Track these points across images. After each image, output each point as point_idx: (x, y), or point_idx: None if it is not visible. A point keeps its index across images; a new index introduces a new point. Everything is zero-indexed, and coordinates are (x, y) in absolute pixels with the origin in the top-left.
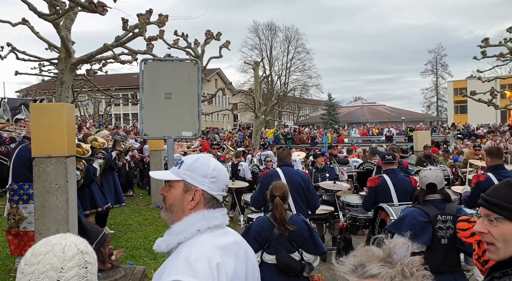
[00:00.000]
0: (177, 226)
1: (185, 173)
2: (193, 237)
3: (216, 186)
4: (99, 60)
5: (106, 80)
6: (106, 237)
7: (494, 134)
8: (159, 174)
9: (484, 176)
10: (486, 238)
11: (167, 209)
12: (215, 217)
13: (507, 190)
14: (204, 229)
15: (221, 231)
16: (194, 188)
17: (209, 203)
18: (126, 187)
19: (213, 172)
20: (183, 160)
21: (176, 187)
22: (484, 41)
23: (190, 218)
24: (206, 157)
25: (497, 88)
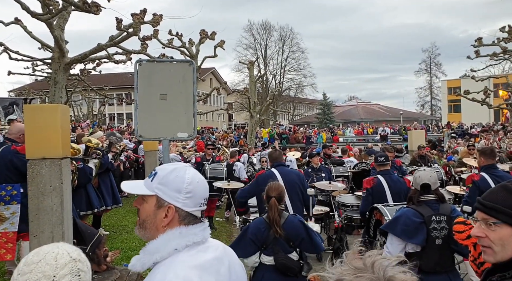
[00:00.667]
0: (152, 244)
1: (157, 187)
2: (170, 256)
3: (191, 202)
4: (93, 60)
5: (100, 80)
6: (101, 238)
7: (487, 133)
8: (130, 186)
9: (478, 176)
10: (483, 242)
11: (140, 225)
12: (194, 234)
13: (504, 194)
14: (182, 247)
15: (201, 247)
16: (167, 204)
17: (184, 220)
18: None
19: (188, 187)
20: (157, 171)
21: (149, 201)
22: (478, 40)
23: (166, 236)
24: (181, 168)
25: (491, 87)
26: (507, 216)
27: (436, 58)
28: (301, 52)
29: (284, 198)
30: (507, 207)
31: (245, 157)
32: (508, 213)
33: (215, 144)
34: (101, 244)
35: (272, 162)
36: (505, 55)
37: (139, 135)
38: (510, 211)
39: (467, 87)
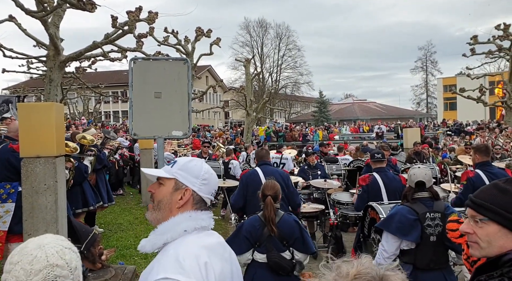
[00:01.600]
0: (163, 226)
1: (177, 172)
2: (180, 237)
3: (206, 188)
4: (88, 58)
5: (96, 78)
6: (96, 237)
7: (483, 130)
8: (151, 171)
9: (473, 173)
10: (471, 238)
11: (154, 206)
12: (202, 219)
13: (494, 192)
14: (191, 230)
15: (206, 232)
16: (184, 187)
17: (197, 204)
18: (116, 186)
19: (205, 175)
20: (177, 160)
21: (167, 184)
22: (473, 38)
23: (177, 218)
24: (199, 160)
25: (486, 85)
26: (494, 214)
27: (432, 56)
28: (298, 50)
29: (280, 197)
30: (495, 205)
31: (243, 155)
32: (495, 211)
33: (211, 142)
34: (96, 243)
35: (258, 161)
36: (500, 53)
37: (134, 133)
38: (498, 209)
39: (462, 85)
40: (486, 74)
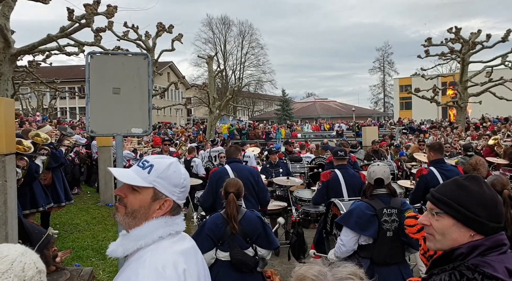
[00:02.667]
0: (137, 231)
1: (156, 181)
2: (154, 243)
3: (183, 195)
4: (42, 52)
5: (51, 72)
6: (50, 238)
7: (435, 129)
8: (123, 175)
9: (427, 170)
10: (427, 230)
11: (128, 214)
12: (176, 224)
13: (452, 187)
14: (166, 235)
15: (179, 236)
16: (164, 197)
17: (174, 211)
18: (72, 185)
19: (184, 182)
20: (153, 164)
21: (144, 193)
22: (427, 40)
23: (152, 224)
24: (176, 163)
25: (439, 86)
26: (449, 208)
27: (389, 56)
28: (261, 48)
29: (242, 194)
30: (451, 199)
31: (202, 153)
32: (451, 205)
33: (172, 140)
34: (50, 244)
35: (227, 158)
36: (452, 55)
37: (91, 130)
38: (453, 204)
39: (417, 85)
40: (439, 75)
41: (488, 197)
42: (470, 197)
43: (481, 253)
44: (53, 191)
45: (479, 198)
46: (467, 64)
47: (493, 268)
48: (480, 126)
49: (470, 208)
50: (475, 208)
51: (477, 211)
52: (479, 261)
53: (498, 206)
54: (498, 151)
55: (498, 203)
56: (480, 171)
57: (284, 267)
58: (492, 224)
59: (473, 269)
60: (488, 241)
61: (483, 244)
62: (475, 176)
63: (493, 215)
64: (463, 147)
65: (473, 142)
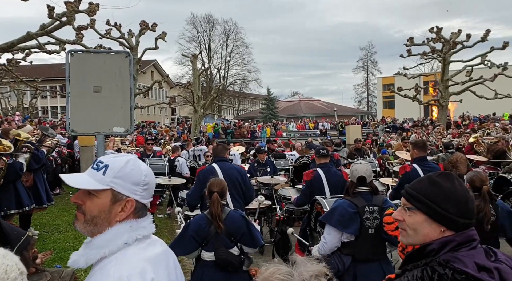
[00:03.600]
0: (100, 239)
1: (113, 181)
2: (119, 250)
3: (148, 193)
4: (22, 49)
5: (32, 71)
6: (30, 239)
7: (418, 127)
8: (75, 180)
9: (410, 167)
10: (401, 225)
11: (87, 221)
12: (143, 227)
13: (425, 184)
14: (132, 241)
15: (149, 241)
16: (125, 198)
17: (139, 212)
18: (53, 185)
19: (146, 179)
20: (107, 163)
21: (102, 197)
22: (409, 40)
23: (116, 230)
24: (135, 160)
25: (421, 85)
26: (421, 204)
27: (372, 56)
28: (245, 47)
29: (226, 193)
30: (423, 195)
31: (184, 153)
32: (422, 201)
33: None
34: (29, 246)
35: (215, 157)
36: (433, 54)
37: (71, 129)
38: (425, 200)
39: (400, 84)
40: (421, 74)
41: (459, 194)
42: (441, 194)
43: (452, 248)
44: (35, 192)
45: (450, 195)
46: (448, 64)
47: (464, 264)
48: (461, 124)
49: (441, 204)
50: (446, 205)
51: (447, 208)
52: (450, 256)
53: (468, 203)
54: (477, 149)
55: (469, 200)
56: (460, 169)
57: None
58: (462, 220)
59: (444, 264)
60: (459, 236)
61: (454, 240)
62: (448, 173)
63: (463, 212)
64: (444, 145)
65: (454, 140)
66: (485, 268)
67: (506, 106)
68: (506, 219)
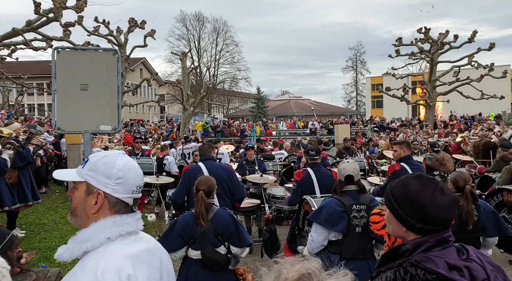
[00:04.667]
0: (83, 233)
1: (87, 173)
2: (102, 245)
3: (122, 188)
4: (7, 46)
5: (18, 67)
6: (14, 239)
7: (405, 127)
8: (62, 174)
9: (399, 166)
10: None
11: (71, 212)
12: (128, 223)
13: (399, 183)
14: (115, 236)
15: (134, 237)
16: (96, 190)
17: (115, 207)
18: (38, 184)
19: (119, 173)
20: (89, 158)
21: (79, 188)
22: (398, 40)
23: (99, 224)
24: (114, 155)
25: (409, 85)
26: (388, 201)
27: (361, 56)
28: (235, 46)
29: (214, 192)
30: (391, 193)
31: (173, 152)
32: (389, 198)
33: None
34: (14, 245)
35: (201, 156)
36: (421, 54)
37: (58, 127)
38: (391, 198)
39: (388, 84)
40: (409, 74)
41: (420, 198)
42: (405, 195)
43: (425, 249)
44: (19, 190)
45: (411, 197)
46: (435, 64)
47: (435, 263)
48: (448, 124)
49: (400, 205)
50: (404, 206)
51: (405, 209)
52: (422, 257)
53: (427, 209)
54: (464, 148)
55: (429, 206)
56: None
57: (257, 264)
58: (418, 224)
59: (416, 265)
60: (432, 238)
61: (427, 241)
62: (422, 176)
63: (420, 217)
64: (429, 144)
65: (440, 139)
66: (455, 267)
67: (492, 106)
68: (488, 220)
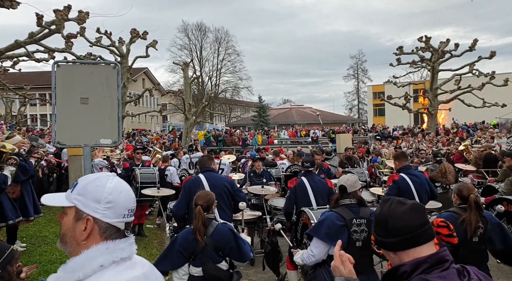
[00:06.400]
0: (75, 261)
1: (76, 198)
2: (95, 273)
3: (112, 212)
4: (10, 57)
5: (21, 78)
6: (14, 253)
7: (407, 136)
8: (50, 199)
9: (398, 176)
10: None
11: (61, 239)
12: (121, 249)
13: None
14: (108, 264)
15: (128, 263)
16: (85, 216)
17: (105, 233)
18: (40, 195)
19: (109, 196)
20: (78, 181)
21: (68, 214)
22: (399, 49)
23: (91, 252)
24: (103, 177)
25: (411, 93)
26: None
27: (362, 64)
28: (237, 55)
29: (213, 206)
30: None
31: (175, 161)
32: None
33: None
34: (14, 260)
35: (201, 168)
36: (422, 63)
37: (57, 141)
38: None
39: (390, 92)
40: (411, 83)
41: (382, 214)
42: (374, 220)
43: (424, 270)
44: (22, 204)
45: (377, 218)
46: (436, 72)
47: None
48: (450, 132)
49: (375, 230)
50: (376, 228)
51: (377, 231)
52: (422, 279)
53: (389, 222)
54: (467, 157)
55: (389, 219)
56: (448, 178)
57: (259, 276)
58: (390, 239)
59: None
60: (430, 258)
61: (425, 261)
62: (385, 198)
63: (387, 232)
64: (432, 153)
65: (443, 148)
66: None
67: (494, 114)
68: (494, 231)
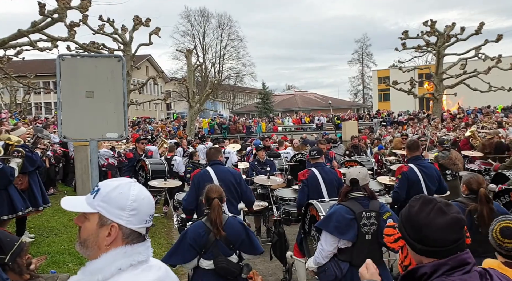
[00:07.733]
0: (94, 264)
1: (99, 205)
2: (113, 276)
3: (136, 219)
4: (13, 47)
5: (25, 66)
6: (23, 246)
7: (413, 121)
8: (71, 204)
9: (407, 167)
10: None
11: (81, 243)
12: (138, 253)
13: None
14: (126, 267)
15: (144, 266)
16: (110, 222)
17: (128, 238)
18: (48, 185)
19: (133, 204)
20: (100, 187)
21: (91, 220)
22: (404, 33)
23: (110, 256)
24: (126, 184)
25: (416, 78)
26: (398, 226)
27: (367, 48)
28: (240, 41)
29: (225, 199)
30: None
31: (180, 151)
32: (399, 223)
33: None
34: (23, 252)
35: (208, 161)
36: (428, 47)
37: (63, 136)
38: (400, 222)
39: (395, 77)
40: (416, 67)
41: (418, 219)
42: (407, 217)
43: (444, 272)
44: (31, 195)
45: (411, 218)
46: (442, 57)
47: None
48: (455, 117)
49: (405, 228)
50: (408, 228)
51: (408, 231)
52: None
53: (423, 231)
54: (473, 143)
55: (424, 227)
56: (459, 166)
57: (266, 265)
58: (419, 246)
59: None
60: (451, 260)
61: (446, 263)
62: (423, 197)
63: (418, 238)
64: (438, 141)
65: (448, 133)
66: None
67: (501, 98)
68: None
